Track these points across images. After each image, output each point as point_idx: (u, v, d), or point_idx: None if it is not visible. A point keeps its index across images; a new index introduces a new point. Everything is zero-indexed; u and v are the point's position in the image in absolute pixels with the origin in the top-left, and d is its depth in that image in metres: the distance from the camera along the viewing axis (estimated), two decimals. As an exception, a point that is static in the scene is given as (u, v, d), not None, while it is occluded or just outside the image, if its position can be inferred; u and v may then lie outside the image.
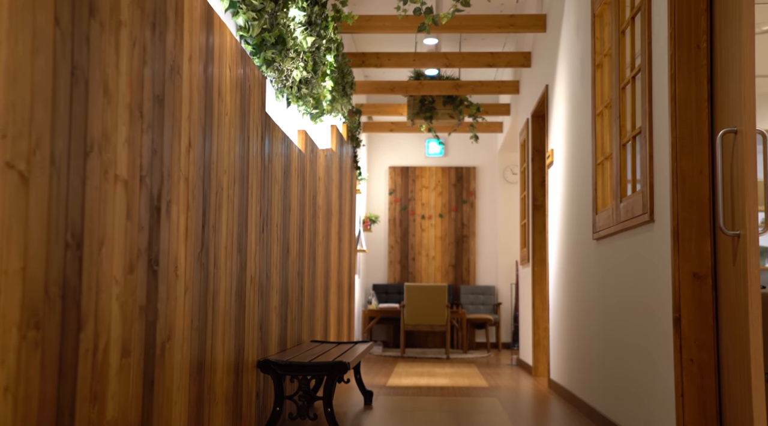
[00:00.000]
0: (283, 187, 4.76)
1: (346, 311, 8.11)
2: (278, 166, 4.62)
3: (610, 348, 4.44)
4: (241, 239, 3.71)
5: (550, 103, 6.75)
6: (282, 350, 4.78)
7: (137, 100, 2.38)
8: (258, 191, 4.08)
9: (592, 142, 4.83)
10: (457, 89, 9.17)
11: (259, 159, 4.09)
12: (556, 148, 6.42)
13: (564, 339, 6.05)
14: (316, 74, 5.64)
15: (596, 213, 4.75)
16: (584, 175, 5.18)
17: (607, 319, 4.52)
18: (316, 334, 6.13)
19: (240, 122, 3.68)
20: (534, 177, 7.90)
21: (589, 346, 5.06)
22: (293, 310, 5.14)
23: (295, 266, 5.20)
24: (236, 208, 3.62)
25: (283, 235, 4.79)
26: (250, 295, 3.92)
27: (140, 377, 2.43)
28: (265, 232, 4.26)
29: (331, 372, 4.08)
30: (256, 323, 4.05)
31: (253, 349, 4.01)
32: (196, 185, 2.99)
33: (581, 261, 5.29)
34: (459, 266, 12.43)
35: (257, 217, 4.06)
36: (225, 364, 3.45)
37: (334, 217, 7.19)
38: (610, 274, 4.44)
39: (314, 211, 6.00)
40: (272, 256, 4.45)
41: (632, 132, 3.91)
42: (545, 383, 7.09)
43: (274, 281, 4.51)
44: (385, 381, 7.18)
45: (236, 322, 3.64)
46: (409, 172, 12.64)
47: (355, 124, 8.52)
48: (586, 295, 5.12)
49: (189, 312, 2.91)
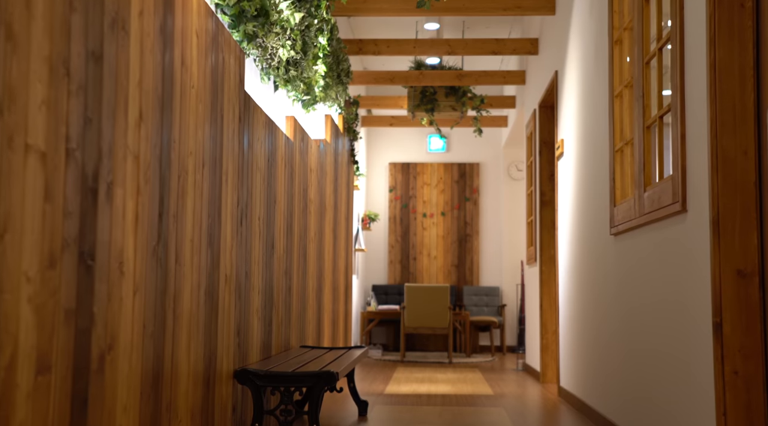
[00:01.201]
0: (267, 176, 4.29)
1: (342, 313, 7.64)
2: (261, 152, 4.15)
3: (632, 355, 3.96)
4: (212, 232, 3.24)
5: (560, 90, 6.28)
6: (266, 357, 4.31)
7: (61, 53, 1.92)
8: (235, 179, 3.61)
9: (610, 127, 4.36)
10: (459, 79, 8.70)
11: (236, 143, 3.62)
12: (567, 138, 5.94)
13: (576, 344, 5.58)
14: (307, 56, 5.18)
15: (614, 205, 4.28)
16: (600, 165, 4.71)
17: (628, 323, 4.05)
18: (307, 338, 5.66)
19: (210, 98, 3.21)
20: (542, 171, 7.43)
21: (606, 353, 4.58)
22: (279, 312, 4.68)
23: (282, 264, 4.73)
24: (206, 196, 3.15)
25: (267, 229, 4.33)
26: (225, 295, 3.45)
27: (67, 398, 1.96)
28: (245, 225, 3.80)
29: (318, 383, 3.61)
30: (232, 328, 3.58)
31: (229, 357, 3.54)
32: (150, 166, 2.52)
33: (596, 259, 4.82)
34: (462, 266, 11.96)
35: (234, 208, 3.59)
36: (191, 376, 2.98)
37: (328, 212, 6.72)
38: (631, 273, 3.96)
39: (305, 205, 5.53)
40: (253, 253, 3.98)
41: (659, 111, 3.44)
42: (554, 391, 6.62)
43: (256, 281, 4.04)
44: (383, 388, 6.71)
45: (206, 326, 3.18)
46: (410, 169, 12.17)
47: (352, 115, 8.05)
48: (603, 296, 4.65)
49: (140, 316, 2.45)
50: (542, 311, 7.30)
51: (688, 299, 3.06)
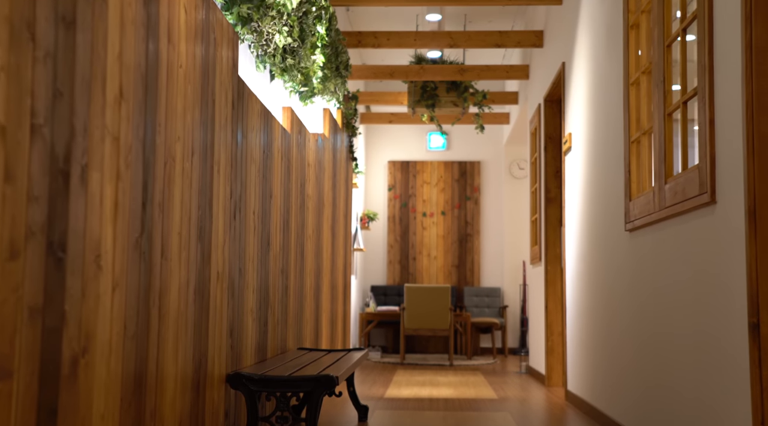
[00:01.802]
0: (262, 168, 4.06)
1: (340, 314, 7.40)
2: (256, 143, 3.91)
3: (649, 358, 3.73)
4: (203, 225, 3.00)
5: (568, 82, 6.05)
6: (261, 360, 4.07)
7: (24, 15, 1.68)
8: (228, 169, 3.37)
9: (625, 117, 4.12)
10: (461, 74, 8.47)
11: (228, 131, 3.38)
12: (576, 131, 5.71)
13: (585, 346, 5.34)
14: (304, 44, 4.94)
15: (630, 200, 4.05)
16: (613, 158, 4.48)
17: (645, 323, 3.81)
18: (305, 340, 5.42)
19: (201, 81, 2.97)
20: (547, 167, 7.19)
21: (619, 355, 4.35)
22: (276, 312, 4.44)
23: (278, 262, 4.49)
24: (196, 186, 2.92)
25: (263, 224, 4.09)
26: (217, 294, 3.21)
27: (32, 407, 1.73)
28: (238, 220, 3.56)
29: (316, 387, 3.37)
30: (224, 328, 3.34)
31: (221, 360, 3.30)
32: (132, 149, 2.28)
33: (609, 256, 4.59)
34: (462, 267, 11.72)
35: (226, 201, 3.35)
36: (179, 380, 2.74)
37: (327, 209, 6.48)
38: (648, 271, 3.73)
39: (302, 201, 5.29)
40: (248, 249, 3.74)
41: (682, 96, 3.21)
42: (561, 395, 6.38)
43: (250, 278, 3.81)
44: (383, 392, 6.47)
45: (196, 327, 2.94)
46: (410, 167, 11.93)
47: (351, 110, 7.81)
48: (616, 296, 4.42)
49: (120, 315, 2.21)
50: (547, 312, 7.07)
51: (718, 298, 2.82)
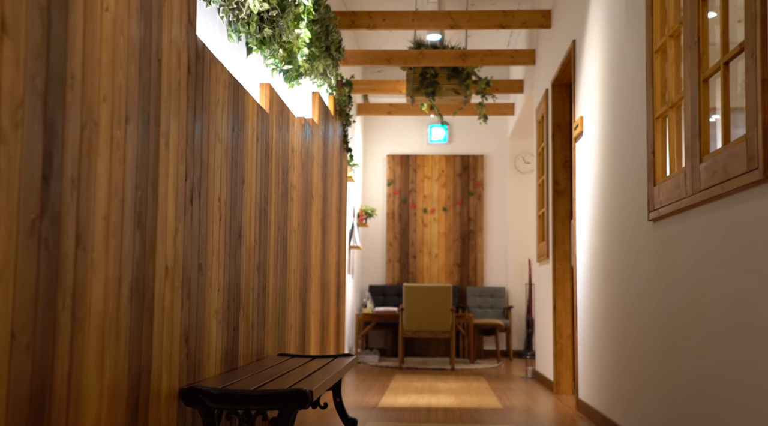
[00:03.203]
0: (230, 148, 3.53)
1: (333, 316, 6.87)
2: (222, 118, 3.38)
3: (679, 367, 3.19)
4: (143, 209, 2.48)
5: (579, 61, 5.51)
6: (230, 370, 3.54)
7: None
8: (182, 145, 2.85)
9: (648, 90, 3.59)
10: (463, 60, 7.93)
11: (182, 99, 2.85)
12: (588, 114, 5.18)
13: (599, 351, 4.81)
14: (285, 14, 4.41)
15: (654, 185, 3.52)
16: (633, 139, 3.95)
17: (672, 327, 3.27)
18: (288, 345, 4.89)
19: (140, 32, 2.44)
20: (555, 157, 6.66)
21: (639, 362, 3.81)
22: (250, 315, 3.91)
23: (253, 257, 3.96)
24: (132, 160, 2.39)
25: (232, 213, 3.56)
26: (164, 293, 2.68)
27: None
28: (197, 206, 3.03)
29: (286, 403, 2.84)
30: (177, 334, 2.81)
31: (172, 372, 2.77)
32: (25, 104, 1.76)
33: (628, 250, 4.05)
34: (465, 265, 11.18)
35: (179, 182, 2.82)
36: (106, 398, 2.21)
37: (316, 202, 5.95)
38: (677, 265, 3.19)
39: (285, 190, 4.76)
40: (211, 240, 3.21)
41: (723, 56, 2.67)
42: (571, 403, 5.85)
43: (214, 275, 3.28)
44: (377, 400, 5.94)
45: (133, 333, 2.41)
46: (410, 161, 11.39)
47: (345, 97, 7.28)
48: (636, 294, 3.88)
49: (6, 317, 1.68)
50: (556, 313, 6.53)
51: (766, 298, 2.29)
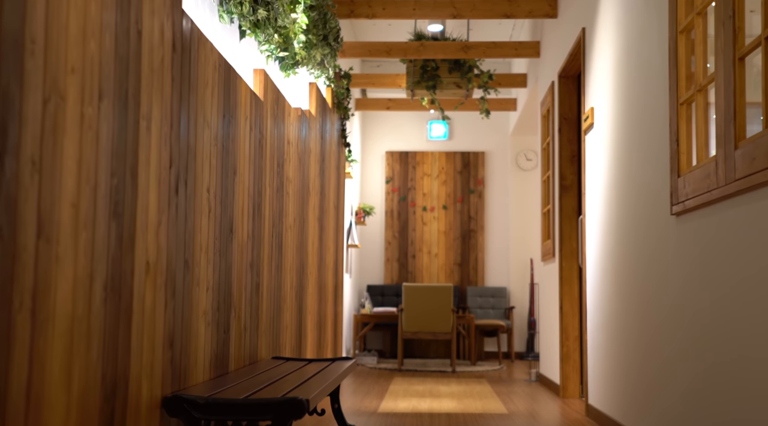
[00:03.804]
0: (221, 136, 3.26)
1: (330, 316, 6.61)
2: (211, 102, 3.12)
3: (704, 371, 2.93)
4: (119, 198, 2.21)
5: (589, 49, 5.25)
6: (220, 375, 3.28)
7: None
8: (166, 129, 2.58)
9: (671, 73, 3.33)
10: (465, 52, 7.68)
11: (165, 78, 2.59)
12: (599, 105, 4.92)
13: (611, 354, 4.55)
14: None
15: (678, 175, 3.26)
16: (653, 127, 3.69)
17: (698, 330, 3.01)
18: (284, 348, 4.63)
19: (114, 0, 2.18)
20: (561, 152, 6.40)
21: (656, 366, 3.55)
22: (242, 316, 3.65)
23: (246, 254, 3.70)
24: (107, 142, 2.12)
25: (222, 207, 3.30)
26: (146, 292, 2.42)
27: None
28: (183, 196, 2.76)
29: (279, 413, 2.58)
30: (160, 337, 2.55)
31: (154, 380, 2.51)
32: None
33: (646, 247, 3.79)
34: (465, 265, 10.92)
35: (162, 170, 2.56)
36: (73, 410, 1.95)
37: (313, 197, 5.69)
38: (706, 262, 2.94)
39: (280, 184, 4.50)
40: (198, 235, 2.95)
41: (765, 30, 2.41)
42: (579, 408, 5.59)
43: (203, 273, 3.01)
44: (377, 405, 5.68)
45: (108, 337, 2.14)
46: (409, 158, 11.13)
47: (343, 89, 7.02)
48: (654, 294, 3.62)
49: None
50: (562, 315, 6.27)
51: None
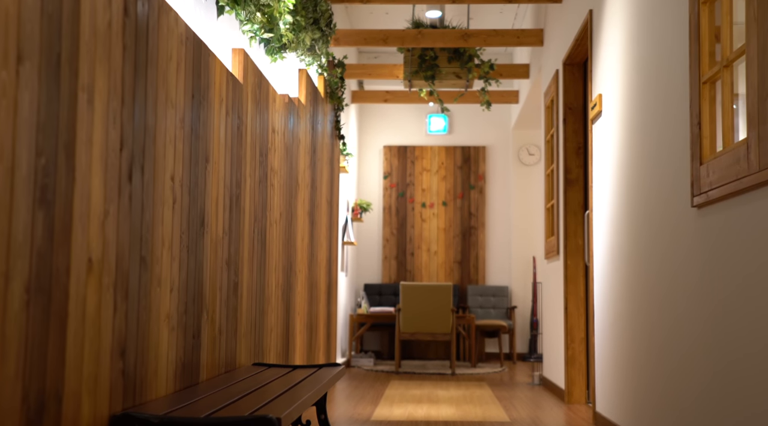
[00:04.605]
0: (189, 118, 2.92)
1: (322, 317, 6.26)
2: (176, 78, 2.77)
3: (729, 379, 2.58)
4: (48, 180, 1.87)
5: (597, 33, 4.91)
6: (189, 386, 2.93)
7: None
8: (114, 104, 2.24)
9: (692, 49, 2.99)
10: (465, 40, 7.33)
11: (115, 45, 2.24)
12: (608, 92, 4.57)
13: (622, 358, 4.20)
14: (262, -31, 3.80)
15: (701, 163, 2.91)
16: (670, 111, 3.34)
17: (721, 331, 2.67)
18: (268, 353, 4.28)
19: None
20: (566, 143, 6.05)
21: (674, 370, 3.20)
22: (216, 318, 3.30)
23: (221, 250, 3.35)
24: (29, 114, 1.78)
25: (191, 197, 2.95)
26: (88, 292, 2.07)
27: None
28: (138, 184, 2.42)
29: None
30: (108, 345, 2.20)
31: (100, 394, 2.16)
32: None
33: (660, 242, 3.45)
34: (465, 263, 10.57)
35: (110, 151, 2.21)
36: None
37: (303, 191, 5.34)
38: (731, 259, 2.59)
39: (263, 175, 4.15)
40: (159, 228, 2.60)
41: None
42: (586, 415, 5.24)
43: (165, 271, 2.67)
44: (371, 411, 5.34)
45: (32, 346, 1.80)
46: (408, 153, 10.78)
47: (336, 78, 6.67)
48: (670, 293, 3.27)
49: None
50: (567, 315, 5.93)
51: None
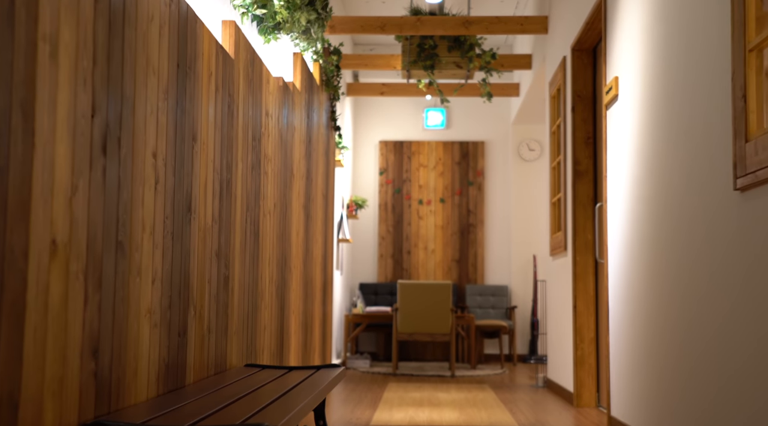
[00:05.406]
0: (174, 90, 2.60)
1: (318, 316, 5.95)
2: (158, 41, 2.46)
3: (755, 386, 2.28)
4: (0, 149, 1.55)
5: (612, 10, 4.61)
6: (173, 389, 2.62)
7: None
8: (84, 62, 1.92)
9: (735, 13, 2.69)
10: (466, 28, 7.03)
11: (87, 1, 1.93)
12: (625, 73, 4.27)
13: (640, 360, 3.90)
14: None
15: (746, 141, 2.61)
16: (706, 84, 3.04)
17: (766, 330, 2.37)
18: (261, 352, 3.97)
19: None
20: (575, 133, 5.75)
21: (714, 377, 2.90)
22: (205, 314, 2.99)
23: (210, 240, 3.04)
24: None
25: (176, 177, 2.64)
26: (51, 280, 1.76)
27: None
28: (114, 158, 2.10)
29: (240, 448, 1.92)
30: (77, 342, 1.89)
31: (67, 400, 1.85)
32: None
33: (697, 232, 3.14)
34: (464, 261, 10.27)
35: (79, 115, 1.90)
36: None
37: (298, 182, 5.03)
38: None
39: (257, 160, 3.84)
40: (139, 210, 2.29)
41: None
42: (599, 420, 4.94)
43: (146, 259, 2.35)
44: (369, 416, 5.03)
45: (-20, 345, 1.49)
46: (404, 148, 10.47)
47: (333, 65, 6.36)
48: (712, 292, 2.97)
49: None
50: (576, 314, 5.63)
51: None
